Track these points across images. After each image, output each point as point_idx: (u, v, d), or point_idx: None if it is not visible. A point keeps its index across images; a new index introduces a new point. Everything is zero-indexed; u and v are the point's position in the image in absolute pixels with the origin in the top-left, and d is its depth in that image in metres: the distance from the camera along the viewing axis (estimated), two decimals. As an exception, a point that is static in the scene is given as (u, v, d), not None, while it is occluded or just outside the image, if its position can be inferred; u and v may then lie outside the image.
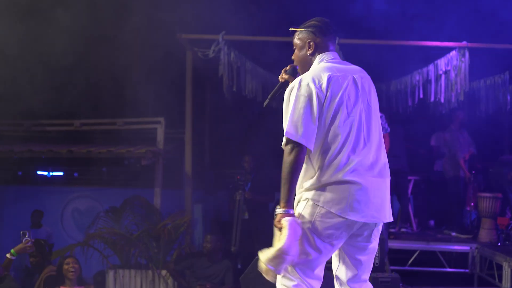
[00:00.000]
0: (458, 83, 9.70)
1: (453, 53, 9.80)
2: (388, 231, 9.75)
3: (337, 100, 3.96)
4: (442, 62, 9.94)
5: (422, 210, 11.82)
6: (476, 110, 11.09)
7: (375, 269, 6.61)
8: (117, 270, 9.81)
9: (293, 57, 4.34)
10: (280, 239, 3.80)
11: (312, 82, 3.94)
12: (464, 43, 9.79)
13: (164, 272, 9.69)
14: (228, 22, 10.06)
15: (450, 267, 10.08)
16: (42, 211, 11.78)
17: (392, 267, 9.41)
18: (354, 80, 4.08)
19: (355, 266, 4.16)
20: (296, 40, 4.29)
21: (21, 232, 6.42)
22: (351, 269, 4.17)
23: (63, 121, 11.63)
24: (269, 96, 4.36)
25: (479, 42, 9.98)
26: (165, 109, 11.15)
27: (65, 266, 7.86)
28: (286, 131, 3.86)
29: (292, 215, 3.86)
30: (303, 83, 3.94)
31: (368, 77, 4.20)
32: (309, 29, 4.23)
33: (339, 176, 3.88)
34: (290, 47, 4.40)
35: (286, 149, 3.86)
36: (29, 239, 6.39)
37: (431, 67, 10.13)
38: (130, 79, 11.73)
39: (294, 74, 4.30)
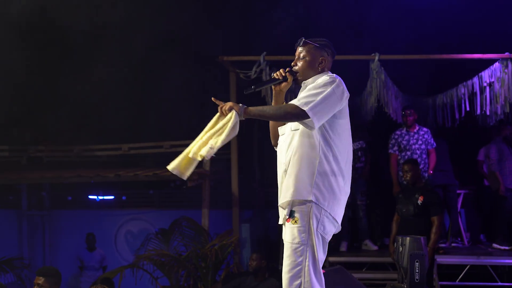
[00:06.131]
0: (502, 95, 9.58)
1: (496, 64, 9.69)
2: (435, 246, 9.66)
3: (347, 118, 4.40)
4: (486, 74, 9.82)
5: (474, 224, 11.63)
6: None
7: (415, 285, 6.60)
8: (167, 292, 9.94)
9: (297, 65, 4.54)
10: (222, 133, 4.13)
11: (346, 92, 4.33)
12: (507, 54, 9.65)
13: (213, 292, 9.77)
14: (269, 43, 10.15)
15: (502, 282, 9.88)
16: (94, 234, 12.02)
17: (442, 283, 9.30)
18: None
19: None
20: (308, 53, 4.50)
21: None
22: None
23: (111, 146, 11.86)
24: (256, 86, 4.55)
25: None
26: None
27: None
28: (307, 101, 4.15)
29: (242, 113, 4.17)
30: (342, 87, 4.29)
31: None
32: (323, 47, 4.51)
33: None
34: (338, 65, 4.59)
35: (294, 107, 4.15)
36: None
37: (475, 79, 10.01)
38: (175, 102, 11.88)
39: (293, 75, 4.52)
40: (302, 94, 4.28)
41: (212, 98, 4.34)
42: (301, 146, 4.27)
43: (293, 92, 9.79)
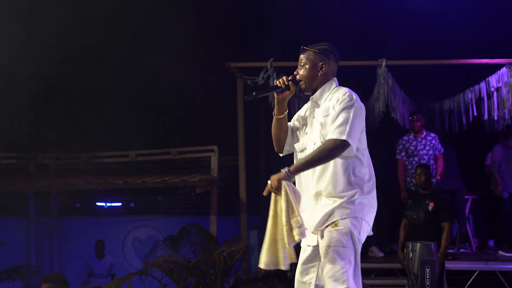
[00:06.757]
0: (509, 100, 9.57)
1: (503, 69, 9.67)
2: (444, 252, 9.63)
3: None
4: (493, 79, 9.80)
5: (482, 230, 11.58)
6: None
7: (426, 291, 6.61)
8: (176, 299, 9.91)
9: (299, 73, 4.43)
10: (292, 208, 4.09)
11: (363, 105, 4.27)
12: (513, 59, 9.66)
13: (221, 299, 9.75)
14: (276, 49, 10.15)
15: (511, 287, 9.83)
16: (104, 241, 12.02)
17: (450, 289, 9.27)
18: None
19: None
20: (308, 59, 4.38)
21: None
22: None
23: (119, 153, 11.87)
24: (257, 93, 4.46)
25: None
26: (218, 137, 11.26)
27: None
28: (340, 130, 4.07)
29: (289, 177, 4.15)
30: (359, 103, 4.23)
31: None
32: (324, 52, 4.38)
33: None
34: (346, 71, 4.53)
35: (333, 141, 4.08)
36: None
37: (482, 84, 9.99)
38: (183, 108, 11.90)
39: (296, 84, 4.39)
40: (328, 126, 4.18)
41: (264, 193, 4.32)
42: (331, 163, 4.19)
43: (301, 99, 9.84)
